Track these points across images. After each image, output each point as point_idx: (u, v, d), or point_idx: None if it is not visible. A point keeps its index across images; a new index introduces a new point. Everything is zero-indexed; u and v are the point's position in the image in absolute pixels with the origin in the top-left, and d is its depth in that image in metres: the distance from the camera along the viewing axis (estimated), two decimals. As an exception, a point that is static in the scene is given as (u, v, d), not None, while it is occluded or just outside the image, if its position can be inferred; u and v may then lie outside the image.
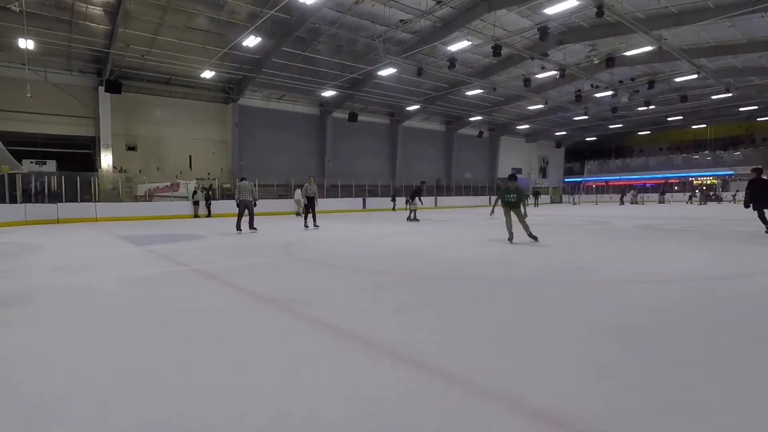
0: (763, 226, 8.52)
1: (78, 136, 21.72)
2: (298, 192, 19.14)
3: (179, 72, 22.27)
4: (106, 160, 21.62)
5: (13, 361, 2.41)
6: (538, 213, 18.83)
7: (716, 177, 37.62)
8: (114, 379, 2.13)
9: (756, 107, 32.60)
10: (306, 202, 12.21)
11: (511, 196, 7.61)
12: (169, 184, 21.25)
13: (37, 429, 1.67)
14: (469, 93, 27.70)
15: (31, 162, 19.69)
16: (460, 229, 11.49)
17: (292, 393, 1.94)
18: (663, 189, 35.51)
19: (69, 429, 1.67)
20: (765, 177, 8.46)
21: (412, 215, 15.23)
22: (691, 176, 39.45)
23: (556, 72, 23.12)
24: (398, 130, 33.06)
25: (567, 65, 22.82)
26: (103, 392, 1.97)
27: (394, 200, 25.61)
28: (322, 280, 4.81)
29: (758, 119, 36.08)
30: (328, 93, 25.87)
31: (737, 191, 32.09)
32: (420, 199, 15.66)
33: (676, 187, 35.62)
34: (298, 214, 19.00)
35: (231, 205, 20.91)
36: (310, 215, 12.24)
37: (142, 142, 23.63)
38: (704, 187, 36.31)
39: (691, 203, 30.83)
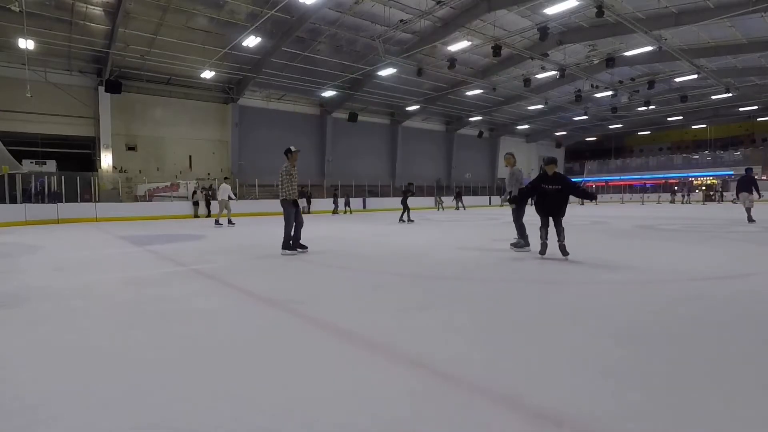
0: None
1: (78, 136, 21.75)
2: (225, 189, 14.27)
3: (179, 72, 22.29)
4: (106, 160, 21.63)
5: (11, 361, 2.40)
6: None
7: (716, 177, 37.60)
8: (113, 379, 2.12)
9: (756, 107, 32.64)
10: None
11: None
12: (169, 184, 21.26)
13: (37, 429, 1.67)
14: (469, 93, 27.71)
15: (31, 162, 19.71)
16: (460, 229, 11.49)
17: (292, 393, 1.94)
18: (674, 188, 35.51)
19: (68, 429, 1.67)
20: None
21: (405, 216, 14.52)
22: (691, 176, 39.43)
23: (556, 72, 23.14)
24: (398, 130, 33.08)
25: (567, 65, 22.83)
26: (102, 393, 1.97)
27: (336, 201, 23.47)
28: (322, 280, 4.80)
29: (758, 119, 36.10)
30: (328, 93, 25.88)
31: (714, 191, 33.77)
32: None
33: (676, 187, 35.60)
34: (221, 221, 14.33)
35: (231, 206, 20.90)
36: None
37: (142, 142, 23.64)
38: (704, 187, 36.29)
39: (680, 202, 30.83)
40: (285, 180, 6.60)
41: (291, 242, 6.67)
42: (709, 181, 37.71)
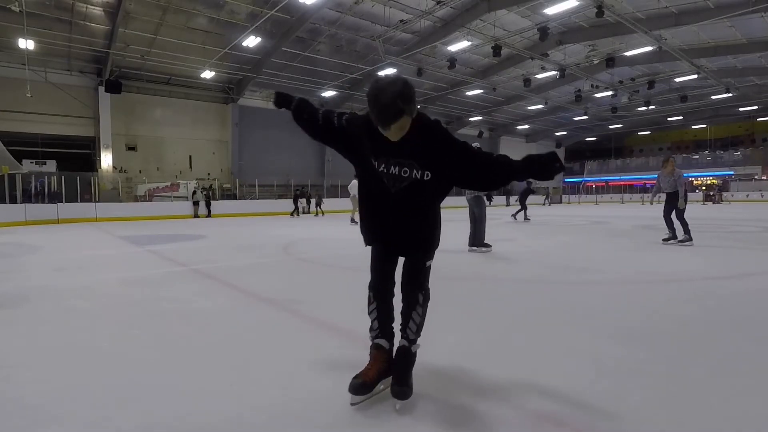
0: None
1: (78, 136, 21.75)
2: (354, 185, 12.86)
3: (179, 72, 22.28)
4: (106, 160, 21.63)
5: (12, 361, 2.40)
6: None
7: (716, 177, 37.60)
8: (113, 380, 2.12)
9: (756, 107, 32.62)
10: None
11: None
12: (169, 184, 21.26)
13: (37, 430, 1.67)
14: (469, 93, 27.70)
15: (31, 162, 19.71)
16: (460, 230, 11.47)
17: (293, 393, 1.94)
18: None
19: (68, 429, 1.67)
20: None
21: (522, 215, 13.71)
22: (692, 176, 39.42)
23: (556, 72, 23.13)
24: (398, 130, 33.04)
25: (567, 65, 22.83)
26: (102, 393, 1.97)
27: (295, 202, 19.94)
28: (322, 280, 4.80)
29: (758, 119, 36.08)
30: (328, 93, 25.87)
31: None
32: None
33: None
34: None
35: (231, 206, 21.03)
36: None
37: (142, 142, 23.64)
38: (704, 187, 36.29)
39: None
40: None
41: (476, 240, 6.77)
42: (709, 181, 37.71)
